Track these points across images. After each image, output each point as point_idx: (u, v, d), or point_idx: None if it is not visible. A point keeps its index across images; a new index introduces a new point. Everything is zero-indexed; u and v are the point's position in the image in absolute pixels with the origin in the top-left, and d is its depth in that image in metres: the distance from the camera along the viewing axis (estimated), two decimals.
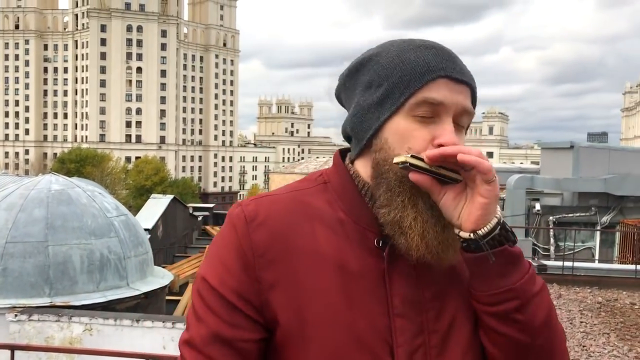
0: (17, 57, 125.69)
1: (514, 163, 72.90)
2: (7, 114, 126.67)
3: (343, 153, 1.14)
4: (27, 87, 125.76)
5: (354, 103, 1.08)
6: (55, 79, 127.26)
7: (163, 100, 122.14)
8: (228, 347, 0.99)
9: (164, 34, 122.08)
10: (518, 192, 15.97)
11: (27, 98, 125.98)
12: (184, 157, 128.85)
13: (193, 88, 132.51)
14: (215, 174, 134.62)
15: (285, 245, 1.01)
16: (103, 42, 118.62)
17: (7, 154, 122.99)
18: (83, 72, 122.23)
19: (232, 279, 1.00)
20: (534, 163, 56.76)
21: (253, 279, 1.00)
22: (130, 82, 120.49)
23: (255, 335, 1.00)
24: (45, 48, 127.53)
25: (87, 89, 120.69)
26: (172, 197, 17.47)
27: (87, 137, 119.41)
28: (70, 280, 7.81)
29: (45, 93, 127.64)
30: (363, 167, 1.07)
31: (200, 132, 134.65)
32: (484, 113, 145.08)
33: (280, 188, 1.12)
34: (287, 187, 1.12)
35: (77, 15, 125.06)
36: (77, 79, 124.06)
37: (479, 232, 0.95)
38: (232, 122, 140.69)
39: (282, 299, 0.99)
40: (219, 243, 1.05)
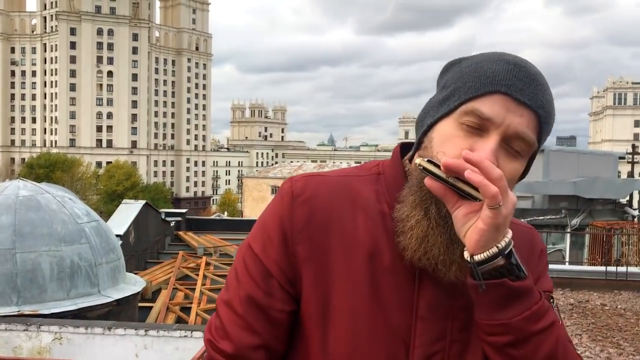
0: None
1: None
2: None
3: (404, 148, 1.12)
4: None
5: (428, 100, 1.09)
6: (23, 83, 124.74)
7: (135, 105, 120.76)
8: (262, 313, 1.04)
9: (136, 38, 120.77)
10: None
11: None
12: (156, 161, 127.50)
13: (165, 92, 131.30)
14: (188, 179, 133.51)
15: (324, 225, 1.03)
16: (73, 45, 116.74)
17: None
18: (52, 75, 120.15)
19: (273, 250, 1.04)
20: None
21: (290, 252, 1.03)
22: (101, 86, 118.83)
23: (287, 307, 1.05)
24: (13, 51, 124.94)
25: (56, 93, 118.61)
26: (144, 202, 17.24)
27: (56, 141, 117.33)
28: (39, 288, 7.65)
29: (13, 97, 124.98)
30: None
31: (173, 136, 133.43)
32: None
33: (335, 170, 1.13)
34: (341, 170, 1.13)
35: (45, 18, 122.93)
36: (46, 83, 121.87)
37: (475, 257, 0.91)
38: (204, 126, 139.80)
39: (312, 276, 1.03)
40: (267, 213, 1.09)
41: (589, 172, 17.98)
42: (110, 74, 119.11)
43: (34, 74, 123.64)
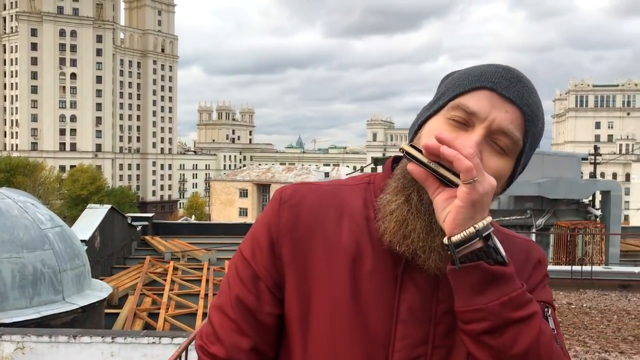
0: None
1: None
2: None
3: (397, 161, 1.13)
4: None
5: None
6: None
7: (99, 107, 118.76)
8: (252, 316, 1.06)
9: (100, 39, 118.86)
10: None
11: None
12: (122, 165, 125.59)
13: (130, 94, 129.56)
14: (154, 183, 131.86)
15: (308, 229, 1.05)
16: (34, 46, 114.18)
17: None
18: (12, 77, 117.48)
19: (261, 254, 1.07)
20: None
21: (276, 256, 1.06)
22: (64, 88, 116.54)
23: (275, 310, 1.07)
24: None
25: (17, 96, 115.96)
26: (109, 206, 16.93)
27: (17, 145, 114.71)
28: (0, 297, 7.43)
29: None
30: None
31: (138, 139, 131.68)
32: None
33: (326, 181, 1.16)
34: (331, 180, 1.17)
35: (5, 19, 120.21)
36: (5, 85, 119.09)
37: (452, 238, 0.90)
38: (171, 129, 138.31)
39: (294, 278, 1.05)
40: (258, 221, 1.12)
41: (553, 173, 18.32)
42: (74, 76, 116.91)
43: None
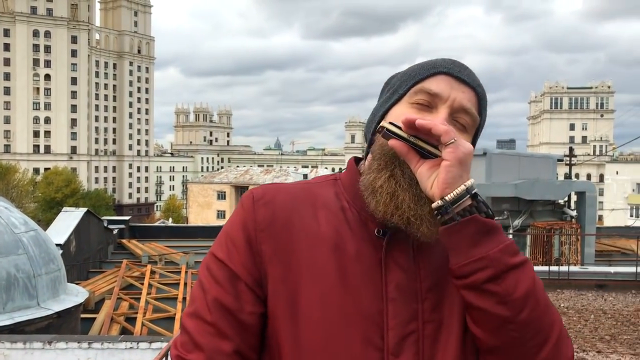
0: None
1: None
2: None
3: (358, 161, 1.21)
4: None
5: (373, 108, 1.18)
6: None
7: (74, 109, 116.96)
8: (233, 317, 1.04)
9: (74, 40, 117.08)
10: None
11: None
12: (97, 167, 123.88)
13: (106, 96, 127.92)
14: (131, 185, 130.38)
15: (287, 223, 1.07)
16: (7, 47, 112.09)
17: None
18: None
19: (238, 253, 1.06)
20: None
21: (255, 252, 1.06)
22: (38, 89, 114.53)
23: (257, 309, 1.05)
24: None
25: None
26: (85, 210, 16.71)
27: None
28: None
29: None
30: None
31: (114, 141, 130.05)
32: None
33: (289, 183, 1.18)
34: (297, 182, 1.20)
35: None
36: None
37: (446, 197, 0.97)
38: (147, 131, 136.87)
39: (279, 272, 1.05)
40: (229, 223, 1.11)
41: (530, 174, 18.52)
42: (48, 78, 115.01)
43: None
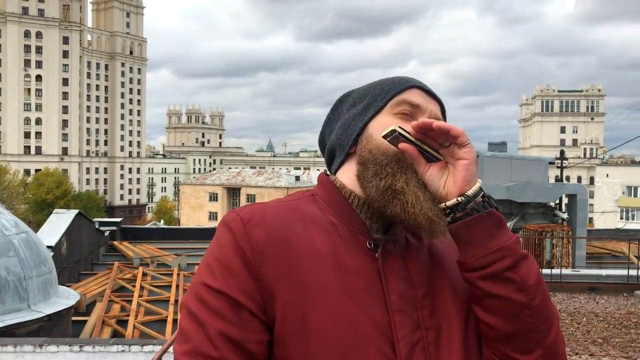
0: None
1: None
2: None
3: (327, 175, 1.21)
4: None
5: (339, 123, 1.20)
6: None
7: (65, 110, 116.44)
8: (240, 349, 0.97)
9: (66, 41, 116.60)
10: None
11: None
12: (88, 169, 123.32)
13: (98, 97, 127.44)
14: (122, 187, 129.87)
15: (283, 243, 1.03)
16: None
17: None
18: None
19: (235, 279, 0.99)
20: None
21: (255, 277, 1.00)
22: (29, 90, 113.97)
23: (264, 337, 0.99)
24: None
25: None
26: (76, 211, 16.60)
27: None
28: None
29: None
30: (347, 176, 1.14)
31: (106, 142, 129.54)
32: None
33: (268, 202, 1.14)
34: (275, 200, 1.15)
35: None
36: None
37: (468, 193, 1.01)
38: (139, 132, 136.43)
39: (285, 294, 1.00)
40: (216, 248, 1.04)
41: (521, 177, 18.58)
42: (39, 78, 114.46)
43: None
